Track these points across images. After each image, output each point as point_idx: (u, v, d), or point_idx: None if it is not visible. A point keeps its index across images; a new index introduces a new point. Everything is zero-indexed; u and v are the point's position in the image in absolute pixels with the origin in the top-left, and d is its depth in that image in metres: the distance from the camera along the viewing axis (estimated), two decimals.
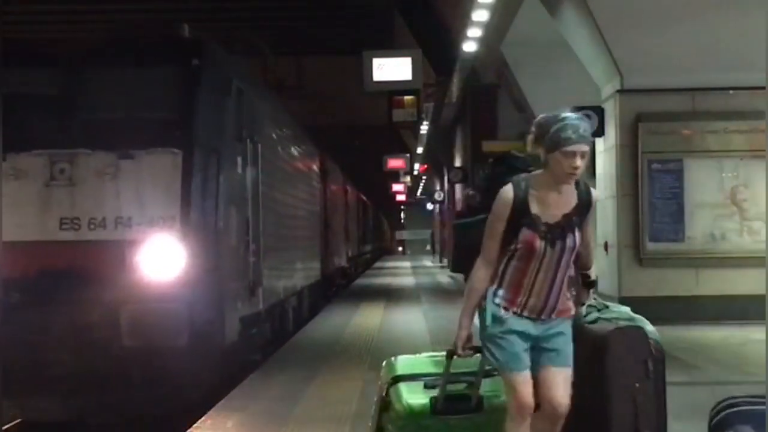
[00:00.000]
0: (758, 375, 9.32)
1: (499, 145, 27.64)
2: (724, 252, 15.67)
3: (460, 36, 23.10)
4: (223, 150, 11.06)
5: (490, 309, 5.11)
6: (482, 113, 29.42)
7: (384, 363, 5.61)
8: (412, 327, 17.14)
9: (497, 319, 5.08)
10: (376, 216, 67.42)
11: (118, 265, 10.15)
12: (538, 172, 5.14)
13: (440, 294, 26.82)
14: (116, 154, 10.44)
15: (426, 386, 5.37)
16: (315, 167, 21.92)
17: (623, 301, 15.96)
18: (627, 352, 5.24)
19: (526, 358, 5.07)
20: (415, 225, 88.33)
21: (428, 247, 75.05)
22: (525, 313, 5.08)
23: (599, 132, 17.20)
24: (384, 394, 5.49)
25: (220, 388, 10.66)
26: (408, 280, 36.03)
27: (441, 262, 53.84)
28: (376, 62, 20.41)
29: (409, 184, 65.40)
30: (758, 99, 14.58)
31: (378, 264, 58.51)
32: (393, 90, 21.51)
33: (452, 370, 5.33)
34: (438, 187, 54.73)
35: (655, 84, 15.77)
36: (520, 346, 5.06)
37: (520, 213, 5.04)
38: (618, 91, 16.05)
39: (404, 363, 5.57)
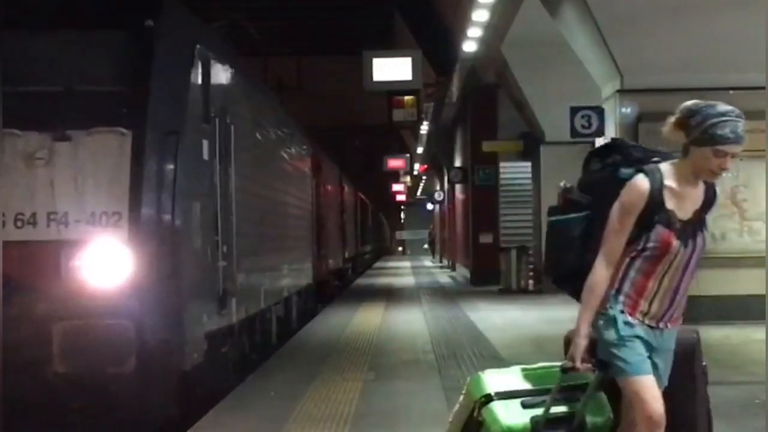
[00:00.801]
0: (759, 375, 9.33)
1: (499, 144, 27.71)
2: (724, 252, 15.66)
3: (460, 36, 23.10)
4: (185, 131, 9.04)
5: (612, 314, 4.57)
6: (482, 113, 29.41)
7: (470, 379, 5.07)
8: (412, 327, 17.14)
9: (623, 323, 4.55)
10: (376, 216, 67.40)
11: (51, 271, 8.37)
12: (671, 161, 4.64)
13: (440, 294, 26.85)
14: (50, 135, 8.61)
15: (524, 405, 4.80)
16: (306, 161, 20.44)
17: None
18: (700, 359, 5.01)
19: (650, 364, 4.61)
20: (415, 225, 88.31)
21: (426, 246, 75.06)
22: (646, 321, 4.59)
23: (599, 132, 17.23)
24: (475, 414, 4.90)
25: (181, 421, 8.94)
26: (408, 280, 36.05)
27: (441, 262, 53.92)
28: (376, 62, 20.41)
29: (409, 184, 65.46)
30: (758, 99, 14.56)
31: (378, 264, 58.55)
32: (393, 90, 21.51)
33: (540, 386, 4.83)
34: (438, 187, 54.75)
35: (655, 84, 15.75)
36: (645, 353, 4.58)
37: (654, 208, 4.52)
38: (618, 91, 16.05)
39: (495, 379, 4.98)
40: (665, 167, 4.60)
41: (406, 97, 22.40)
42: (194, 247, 9.44)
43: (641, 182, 4.53)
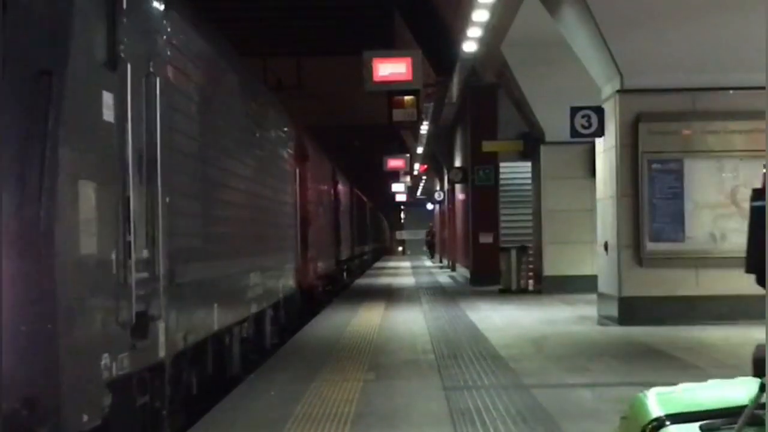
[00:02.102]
0: None
1: (499, 144, 27.72)
2: (724, 252, 15.65)
3: (460, 36, 23.10)
4: (66, 73, 5.92)
5: None
6: (482, 113, 29.45)
7: (633, 401, 4.51)
8: (412, 327, 17.14)
9: None
10: (375, 215, 67.39)
11: None
12: None
13: (440, 294, 26.87)
14: None
15: (703, 430, 4.10)
16: (288, 145, 17.35)
17: (623, 301, 15.98)
18: None
19: None
20: (415, 225, 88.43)
21: (425, 248, 75.17)
22: None
23: (599, 132, 17.24)
24: None
25: None
26: (408, 280, 36.05)
27: (441, 262, 53.96)
28: (376, 62, 20.40)
29: (409, 184, 65.49)
30: (758, 99, 14.58)
31: (378, 264, 58.61)
32: (393, 90, 21.49)
33: (714, 406, 4.19)
34: (438, 187, 54.78)
35: (655, 84, 15.78)
36: None
37: None
38: (618, 91, 16.06)
39: (664, 399, 4.36)
40: None
41: (406, 97, 22.36)
42: (83, 253, 6.18)
43: None
